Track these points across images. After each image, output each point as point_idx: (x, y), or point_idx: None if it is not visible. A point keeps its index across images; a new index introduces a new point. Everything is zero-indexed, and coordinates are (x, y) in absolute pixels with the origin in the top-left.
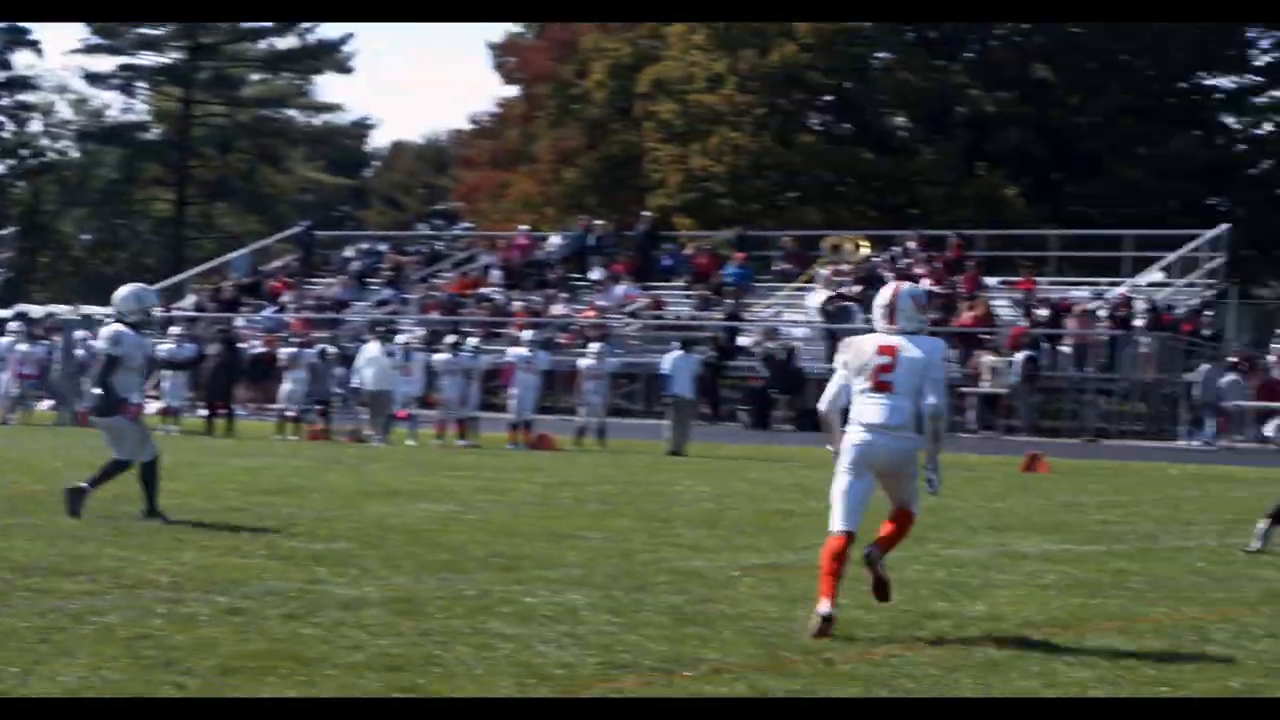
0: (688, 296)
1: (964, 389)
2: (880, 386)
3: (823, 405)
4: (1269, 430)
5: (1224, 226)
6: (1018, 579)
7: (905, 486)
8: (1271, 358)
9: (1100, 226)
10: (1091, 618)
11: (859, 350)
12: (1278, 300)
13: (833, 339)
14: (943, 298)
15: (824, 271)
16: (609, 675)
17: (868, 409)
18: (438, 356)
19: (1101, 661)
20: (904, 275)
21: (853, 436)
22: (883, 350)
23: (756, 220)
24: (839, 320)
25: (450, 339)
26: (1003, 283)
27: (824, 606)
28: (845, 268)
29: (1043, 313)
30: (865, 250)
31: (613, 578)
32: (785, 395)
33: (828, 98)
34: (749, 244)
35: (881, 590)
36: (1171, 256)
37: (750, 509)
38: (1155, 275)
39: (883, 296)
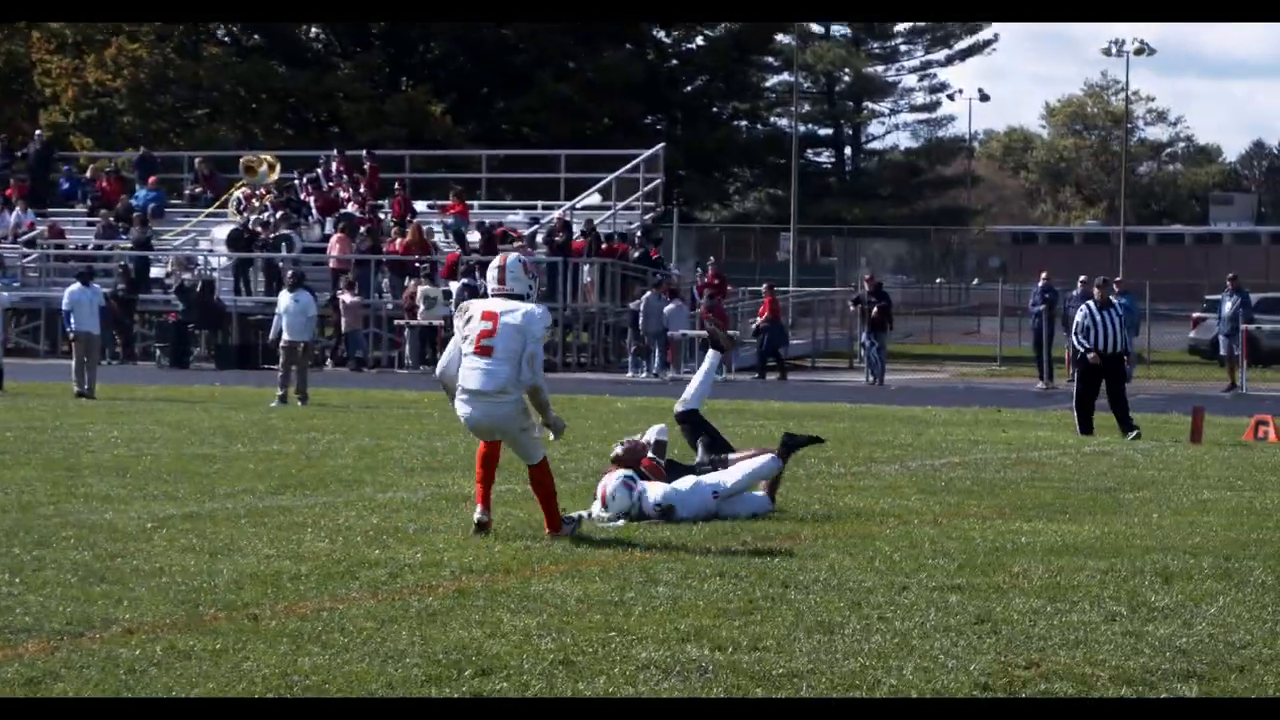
0: (91, 223)
1: (399, 321)
2: (481, 351)
3: (438, 369)
4: (699, 456)
5: (660, 146)
6: (457, 523)
7: (517, 442)
8: (698, 281)
9: (533, 146)
10: (536, 561)
11: (469, 315)
12: (721, 224)
13: (273, 271)
14: (366, 223)
15: (239, 195)
16: (9, 641)
17: (469, 374)
18: None
19: (547, 608)
20: (326, 199)
21: (459, 406)
22: (485, 316)
23: (164, 140)
24: (267, 248)
25: None
26: (433, 206)
27: (478, 513)
28: (262, 191)
29: (476, 238)
30: (275, 171)
31: (11, 534)
32: (204, 330)
33: None
34: (156, 165)
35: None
36: (609, 178)
37: (167, 455)
38: (593, 198)
39: (495, 261)
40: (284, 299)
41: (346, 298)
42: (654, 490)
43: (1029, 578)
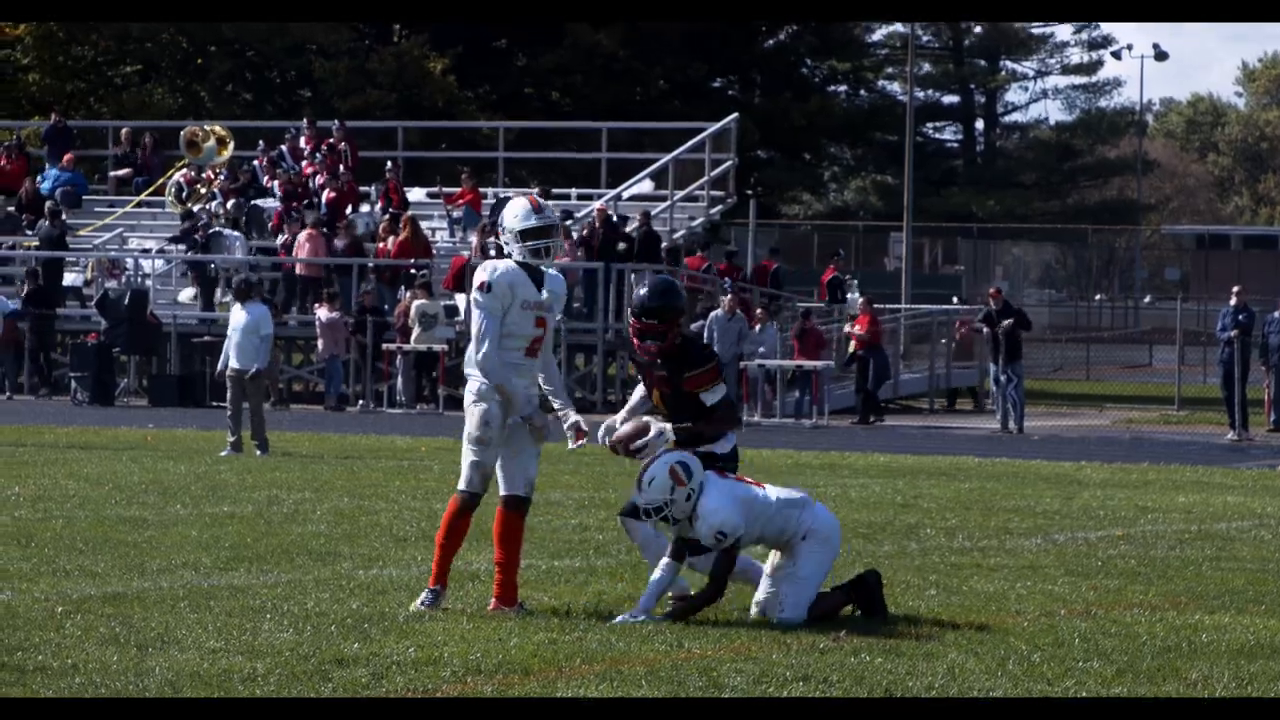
0: None
1: (388, 345)
2: None
3: None
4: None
5: (732, 117)
6: (462, 607)
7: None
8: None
9: (564, 116)
10: (564, 659)
11: None
12: (813, 220)
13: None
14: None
15: (179, 178)
16: None
17: None
18: None
19: None
20: (293, 183)
21: None
22: None
23: (82, 105)
24: (210, 249)
25: None
26: (434, 195)
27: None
28: (208, 175)
29: (492, 239)
30: (226, 148)
31: None
32: (134, 355)
33: None
34: (72, 139)
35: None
36: (664, 159)
37: (85, 518)
38: (644, 185)
39: None
40: (235, 315)
41: (323, 314)
42: (714, 500)
43: (1211, 687)
